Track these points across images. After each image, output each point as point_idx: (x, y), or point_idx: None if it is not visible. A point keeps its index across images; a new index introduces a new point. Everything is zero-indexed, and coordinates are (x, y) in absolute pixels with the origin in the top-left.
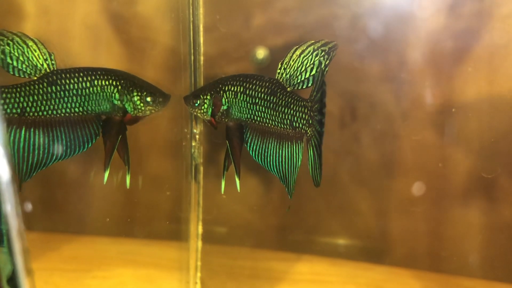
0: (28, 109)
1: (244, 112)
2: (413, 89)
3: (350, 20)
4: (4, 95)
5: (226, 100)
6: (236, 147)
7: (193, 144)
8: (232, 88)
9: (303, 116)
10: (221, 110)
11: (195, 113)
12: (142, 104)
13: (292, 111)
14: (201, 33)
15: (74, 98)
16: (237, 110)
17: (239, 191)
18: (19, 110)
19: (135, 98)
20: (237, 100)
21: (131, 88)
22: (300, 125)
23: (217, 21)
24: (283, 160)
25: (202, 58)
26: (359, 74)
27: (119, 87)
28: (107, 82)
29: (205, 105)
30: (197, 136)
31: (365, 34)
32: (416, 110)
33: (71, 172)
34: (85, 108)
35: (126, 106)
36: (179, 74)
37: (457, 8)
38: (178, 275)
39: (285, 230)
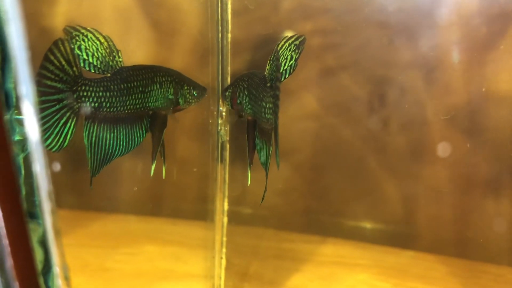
0: (104, 104)
1: (248, 107)
2: (443, 74)
3: (380, 4)
4: (85, 87)
5: (239, 95)
6: (250, 142)
7: (220, 122)
8: (242, 84)
9: (271, 106)
10: (238, 104)
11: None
12: (190, 97)
13: (264, 103)
14: (229, 11)
15: (139, 95)
16: (245, 105)
17: (248, 184)
18: (96, 104)
19: (185, 92)
20: (244, 95)
21: (182, 83)
22: (269, 116)
23: None
24: (267, 155)
25: (229, 35)
26: (389, 59)
27: (173, 83)
28: (163, 79)
29: (229, 99)
30: (223, 114)
31: (395, 19)
32: (446, 96)
33: None
34: (145, 104)
35: (180, 100)
36: (207, 50)
37: None
38: (204, 253)
39: (311, 213)
